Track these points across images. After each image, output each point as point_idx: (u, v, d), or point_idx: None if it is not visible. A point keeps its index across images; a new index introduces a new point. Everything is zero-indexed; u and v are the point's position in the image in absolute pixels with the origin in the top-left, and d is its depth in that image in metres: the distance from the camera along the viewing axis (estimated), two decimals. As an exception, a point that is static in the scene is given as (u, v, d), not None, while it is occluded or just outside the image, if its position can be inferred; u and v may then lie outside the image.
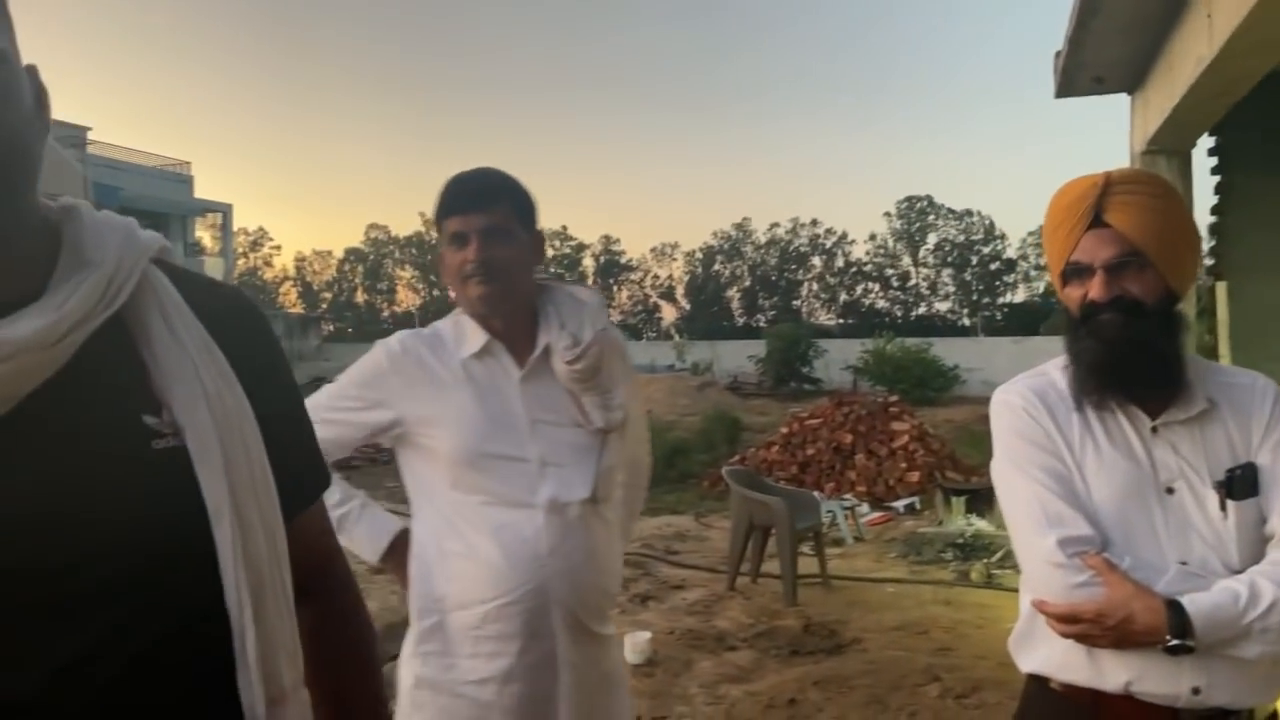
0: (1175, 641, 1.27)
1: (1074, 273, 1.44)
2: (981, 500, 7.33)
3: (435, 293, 67.96)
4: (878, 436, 10.35)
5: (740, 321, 62.01)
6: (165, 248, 0.85)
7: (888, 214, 64.01)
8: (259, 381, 0.85)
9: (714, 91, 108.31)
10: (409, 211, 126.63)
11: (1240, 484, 1.37)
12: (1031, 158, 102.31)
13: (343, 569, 1.02)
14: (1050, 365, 1.53)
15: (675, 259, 67.68)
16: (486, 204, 1.70)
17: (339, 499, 1.84)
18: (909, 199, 63.09)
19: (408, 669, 1.74)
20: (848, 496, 9.19)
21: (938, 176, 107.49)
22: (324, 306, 67.76)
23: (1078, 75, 6.74)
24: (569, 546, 1.67)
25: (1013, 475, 1.47)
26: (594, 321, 1.75)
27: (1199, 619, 1.27)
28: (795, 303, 63.33)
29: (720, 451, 12.81)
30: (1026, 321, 44.10)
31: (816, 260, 64.69)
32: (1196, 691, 1.33)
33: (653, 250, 68.81)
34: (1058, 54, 6.56)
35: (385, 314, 69.44)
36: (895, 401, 11.47)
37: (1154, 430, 1.42)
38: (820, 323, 56.94)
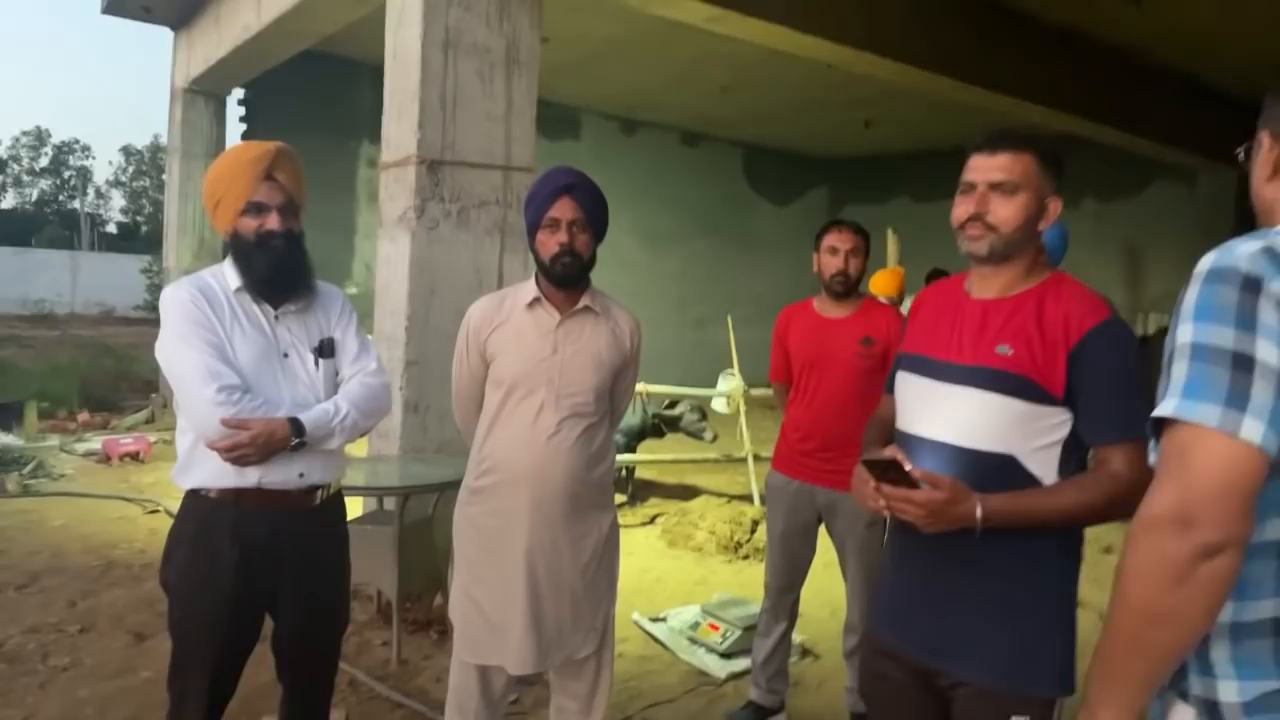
0: (297, 440, 2.01)
1: (254, 209, 2.05)
2: (10, 415, 6.96)
3: None
4: None
5: None
6: None
7: None
8: None
9: None
10: None
11: (325, 349, 2.19)
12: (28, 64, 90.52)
13: None
14: (206, 272, 2.12)
15: None
16: None
17: None
18: None
19: None
20: None
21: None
22: None
23: (127, -3, 6.92)
24: None
25: (179, 347, 1.99)
26: None
27: (309, 424, 2.03)
28: None
29: None
30: (17, 230, 39.72)
31: None
32: (302, 475, 2.09)
33: None
34: (105, -29, 6.63)
35: None
36: None
37: (277, 317, 2.13)
38: None
